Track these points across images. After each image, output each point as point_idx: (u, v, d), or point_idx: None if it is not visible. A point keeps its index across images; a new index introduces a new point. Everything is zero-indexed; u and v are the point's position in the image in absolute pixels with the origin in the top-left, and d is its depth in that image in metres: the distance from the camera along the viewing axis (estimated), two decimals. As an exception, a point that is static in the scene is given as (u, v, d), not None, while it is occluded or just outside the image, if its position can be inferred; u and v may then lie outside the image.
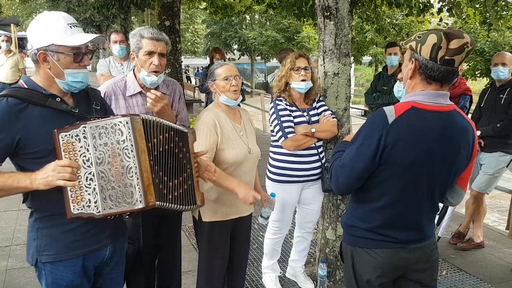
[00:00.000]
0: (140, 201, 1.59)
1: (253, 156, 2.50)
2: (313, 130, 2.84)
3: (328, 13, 2.98)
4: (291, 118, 2.84)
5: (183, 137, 1.90)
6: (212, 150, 2.33)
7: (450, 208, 3.78)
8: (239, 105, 2.61)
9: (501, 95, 3.67)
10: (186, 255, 3.59)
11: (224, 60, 6.42)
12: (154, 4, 8.14)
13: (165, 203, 1.70)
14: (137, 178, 1.59)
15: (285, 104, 2.88)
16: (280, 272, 3.32)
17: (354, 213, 1.82)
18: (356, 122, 10.01)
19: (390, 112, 1.62)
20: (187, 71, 22.61)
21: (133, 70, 2.41)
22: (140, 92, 2.37)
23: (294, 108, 2.89)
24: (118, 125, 1.58)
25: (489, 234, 4.26)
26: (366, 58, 22.32)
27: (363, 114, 15.96)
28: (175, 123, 2.36)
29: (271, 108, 2.91)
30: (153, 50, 2.25)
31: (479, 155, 3.81)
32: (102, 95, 2.32)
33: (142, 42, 2.26)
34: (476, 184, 3.83)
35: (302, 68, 2.82)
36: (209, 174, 2.06)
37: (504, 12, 5.07)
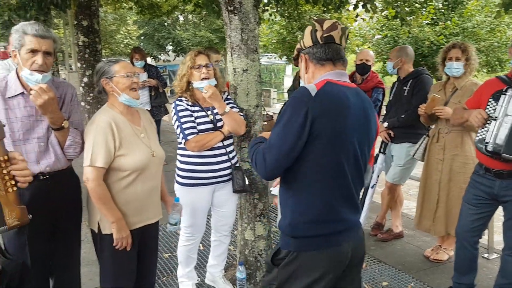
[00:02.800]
0: None
1: (157, 159, 2.34)
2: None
3: (232, 8, 2.87)
4: (192, 119, 2.70)
5: None
6: (109, 157, 2.14)
7: (367, 199, 3.82)
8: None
9: (404, 87, 3.76)
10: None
11: (145, 61, 6.18)
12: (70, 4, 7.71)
13: None
14: None
15: (186, 104, 2.73)
16: (198, 279, 3.17)
17: (295, 209, 1.73)
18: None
19: (311, 87, 1.67)
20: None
21: (16, 70, 2.17)
22: (22, 93, 2.12)
23: (197, 108, 2.75)
24: None
25: (408, 223, 4.36)
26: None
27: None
28: (62, 122, 2.15)
29: (172, 109, 2.75)
30: (36, 48, 2.03)
31: (389, 146, 3.89)
32: None
33: (25, 39, 2.03)
34: (389, 176, 3.91)
35: (203, 66, 2.69)
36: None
37: (418, 6, 5.24)
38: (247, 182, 2.89)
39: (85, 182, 2.13)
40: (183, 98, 2.76)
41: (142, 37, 26.22)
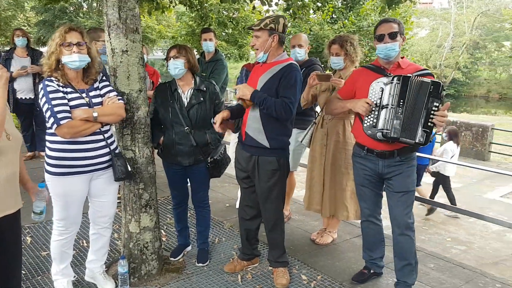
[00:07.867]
0: None
1: (14, 143, 2.08)
2: (95, 114, 2.51)
3: (108, -17, 2.69)
4: (66, 101, 2.47)
5: None
6: None
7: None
8: None
9: None
10: None
11: (28, 40, 5.68)
12: None
13: None
14: None
15: (57, 85, 2.49)
16: (74, 276, 2.94)
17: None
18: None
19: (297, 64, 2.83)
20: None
21: None
22: None
23: (69, 90, 2.52)
24: None
25: (299, 209, 4.50)
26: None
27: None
28: None
29: (40, 90, 2.50)
30: None
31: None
32: None
33: None
34: None
35: (74, 44, 2.46)
36: None
37: (308, 1, 5.41)
38: (129, 169, 2.75)
39: None
40: (53, 78, 2.51)
41: (41, 24, 24.35)
